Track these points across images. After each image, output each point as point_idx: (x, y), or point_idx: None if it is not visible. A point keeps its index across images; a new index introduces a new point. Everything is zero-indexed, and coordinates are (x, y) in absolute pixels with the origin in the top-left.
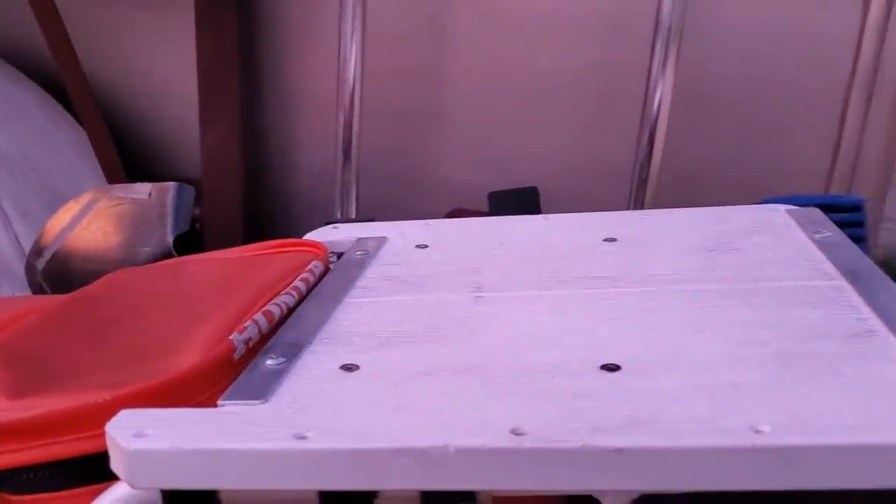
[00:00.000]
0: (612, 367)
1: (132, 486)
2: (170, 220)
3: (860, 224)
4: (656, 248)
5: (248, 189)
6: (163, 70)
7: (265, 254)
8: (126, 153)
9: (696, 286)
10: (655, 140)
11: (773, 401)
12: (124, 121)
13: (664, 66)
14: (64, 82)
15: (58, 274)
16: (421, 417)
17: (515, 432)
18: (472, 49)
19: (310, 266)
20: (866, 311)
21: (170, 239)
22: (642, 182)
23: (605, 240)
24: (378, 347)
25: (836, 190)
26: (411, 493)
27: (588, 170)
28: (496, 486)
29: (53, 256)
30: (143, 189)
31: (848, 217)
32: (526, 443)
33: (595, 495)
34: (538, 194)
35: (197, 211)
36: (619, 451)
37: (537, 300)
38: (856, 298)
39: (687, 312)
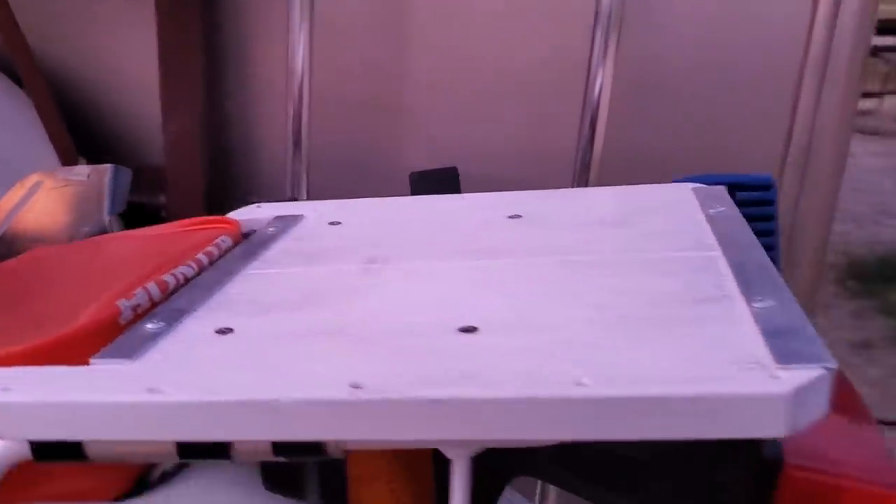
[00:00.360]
0: (469, 329)
1: (1, 437)
2: (106, 201)
3: (770, 202)
4: (555, 223)
5: (211, 177)
6: (125, 58)
7: (184, 230)
8: (90, 143)
9: (577, 257)
10: (597, 127)
11: (604, 357)
12: (87, 110)
13: (605, 52)
14: (11, 60)
15: (5, 257)
16: (273, 373)
17: (354, 385)
18: (430, 41)
19: (217, 241)
20: (728, 280)
21: (106, 219)
22: (584, 168)
23: (511, 216)
24: (257, 314)
25: (790, 176)
26: (263, 443)
27: (541, 157)
28: (337, 436)
29: (1, 240)
30: (82, 171)
31: (758, 195)
32: (361, 395)
33: (439, 448)
34: (458, 174)
35: (162, 199)
36: (438, 402)
37: (424, 270)
38: (724, 268)
39: (558, 281)
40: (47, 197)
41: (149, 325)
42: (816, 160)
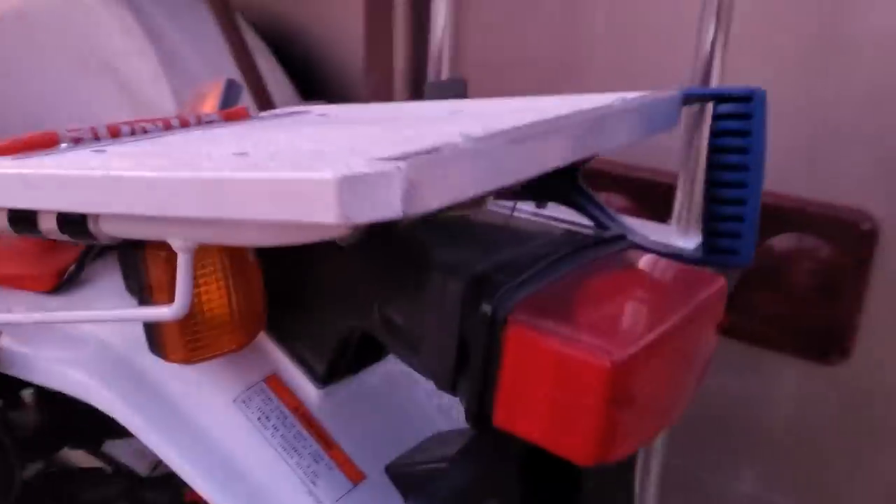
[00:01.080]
0: (241, 154)
1: None
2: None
3: (748, 116)
4: (467, 115)
5: None
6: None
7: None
8: (304, 85)
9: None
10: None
11: (272, 162)
12: (299, 55)
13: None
14: None
15: None
16: (65, 166)
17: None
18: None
19: (201, 114)
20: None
21: None
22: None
23: (452, 112)
24: (142, 145)
25: None
26: (50, 217)
27: None
28: (80, 209)
29: None
30: (206, 84)
31: (737, 108)
32: (90, 172)
33: (166, 240)
34: (465, 85)
35: None
36: (115, 178)
37: (303, 130)
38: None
39: (355, 134)
40: (191, 102)
41: (63, 145)
42: None
